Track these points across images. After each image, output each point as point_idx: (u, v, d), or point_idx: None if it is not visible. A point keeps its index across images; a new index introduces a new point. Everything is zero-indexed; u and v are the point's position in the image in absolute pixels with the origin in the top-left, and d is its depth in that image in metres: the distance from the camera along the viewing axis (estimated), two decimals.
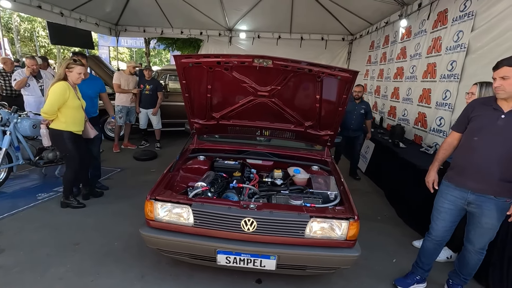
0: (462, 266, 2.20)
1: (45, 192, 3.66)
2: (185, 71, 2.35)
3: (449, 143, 2.16)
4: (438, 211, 2.17)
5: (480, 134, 1.93)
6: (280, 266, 1.96)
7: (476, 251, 2.09)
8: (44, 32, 20.76)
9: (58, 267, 2.33)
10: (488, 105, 1.95)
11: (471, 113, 2.02)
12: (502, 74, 1.80)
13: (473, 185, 1.97)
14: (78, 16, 7.30)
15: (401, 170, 3.78)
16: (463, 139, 2.07)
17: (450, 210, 2.11)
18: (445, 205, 2.12)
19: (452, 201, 2.09)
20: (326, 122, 2.60)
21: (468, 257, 2.13)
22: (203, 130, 2.89)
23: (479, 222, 2.00)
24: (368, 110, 4.66)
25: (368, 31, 7.24)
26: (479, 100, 2.11)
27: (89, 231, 2.88)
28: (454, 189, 2.08)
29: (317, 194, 2.22)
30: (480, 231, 2.02)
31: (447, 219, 2.13)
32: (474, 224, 2.04)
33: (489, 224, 1.97)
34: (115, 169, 4.59)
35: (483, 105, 1.99)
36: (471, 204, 2.02)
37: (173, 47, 14.21)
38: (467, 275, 2.20)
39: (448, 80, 3.96)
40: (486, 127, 1.92)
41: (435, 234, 2.20)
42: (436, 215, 2.20)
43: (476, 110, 2.00)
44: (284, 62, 2.14)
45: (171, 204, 1.97)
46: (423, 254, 2.31)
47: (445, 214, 2.13)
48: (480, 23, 3.52)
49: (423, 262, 2.31)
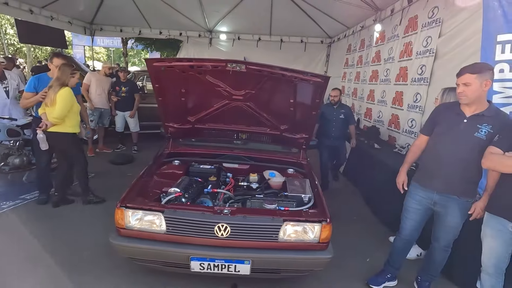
0: (429, 263, 2.29)
1: (10, 200, 3.46)
2: (158, 75, 2.31)
3: (417, 145, 2.26)
4: (407, 211, 2.26)
5: (444, 137, 2.03)
6: (254, 270, 1.96)
7: (441, 249, 2.18)
8: (12, 30, 19.70)
9: (22, 283, 2.21)
10: (452, 110, 2.05)
11: (436, 117, 2.13)
12: (464, 81, 1.88)
13: (438, 186, 2.06)
14: (49, 14, 6.95)
15: (376, 170, 3.89)
16: (430, 142, 2.16)
17: (417, 210, 2.20)
18: (413, 205, 2.22)
19: (419, 201, 2.18)
20: (301, 125, 2.64)
21: (435, 255, 2.23)
22: (178, 134, 2.85)
23: (444, 221, 2.10)
24: (349, 114, 4.29)
25: (345, 34, 7.42)
26: (445, 105, 2.22)
27: (57, 241, 2.74)
28: (421, 190, 2.17)
29: (291, 197, 2.24)
30: (445, 229, 2.12)
31: (415, 218, 2.22)
32: (440, 222, 2.14)
33: (453, 222, 2.08)
34: (89, 174, 4.42)
35: (447, 110, 2.09)
36: (436, 204, 2.11)
37: (152, 48, 13.89)
38: (434, 271, 2.29)
39: (419, 84, 4.13)
40: (449, 131, 2.01)
41: (404, 233, 2.29)
42: (405, 215, 2.29)
43: (441, 114, 2.11)
44: (257, 67, 2.15)
45: (143, 212, 1.92)
46: (393, 253, 2.39)
47: (413, 214, 2.22)
48: (446, 30, 3.69)
49: (394, 260, 2.40)
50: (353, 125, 4.38)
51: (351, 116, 4.34)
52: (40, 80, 3.27)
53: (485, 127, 1.89)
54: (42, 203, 3.39)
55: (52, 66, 3.31)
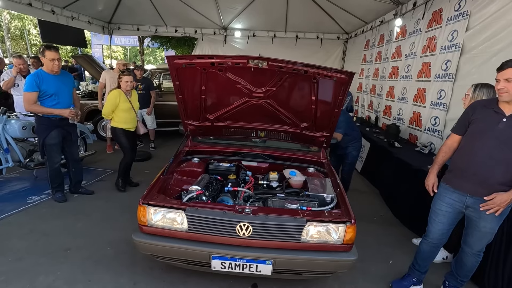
0: (459, 268, 2.18)
1: (35, 195, 3.57)
2: (179, 72, 2.30)
3: (448, 146, 2.12)
4: (436, 214, 2.15)
5: (481, 137, 1.89)
6: (276, 271, 1.93)
7: (473, 254, 2.08)
8: (35, 30, 20.40)
9: (47, 275, 2.27)
10: (489, 108, 1.90)
11: (472, 115, 1.96)
12: (506, 76, 1.74)
13: (471, 188, 1.94)
14: (70, 14, 7.16)
15: (396, 170, 3.78)
16: (463, 141, 2.02)
17: (447, 213, 2.08)
18: (443, 208, 2.10)
19: (450, 204, 2.06)
20: (322, 123, 2.57)
21: (466, 259, 2.12)
22: (197, 131, 2.84)
23: (477, 226, 1.98)
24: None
25: (363, 30, 7.23)
26: (480, 102, 2.05)
27: (80, 236, 2.81)
28: (452, 192, 2.05)
29: (313, 197, 2.19)
30: (478, 234, 2.00)
31: (445, 222, 2.11)
32: (472, 228, 2.02)
33: (487, 228, 1.95)
34: (108, 170, 4.52)
35: (484, 108, 1.93)
36: (469, 208, 1.99)
37: (168, 46, 14.07)
38: (464, 277, 2.19)
39: (443, 80, 3.96)
40: (486, 130, 1.87)
41: (431, 237, 2.19)
42: (433, 218, 2.17)
43: (476, 112, 1.95)
44: (279, 63, 2.10)
45: (165, 209, 1.92)
46: (419, 257, 2.29)
47: (442, 217, 2.11)
48: (474, 23, 3.51)
49: (419, 265, 2.29)
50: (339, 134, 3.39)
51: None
52: (40, 77, 3.06)
53: None
54: (62, 200, 3.45)
55: (45, 60, 3.07)
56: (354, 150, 3.72)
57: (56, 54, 3.09)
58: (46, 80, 3.09)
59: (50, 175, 3.40)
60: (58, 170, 3.42)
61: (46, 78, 3.09)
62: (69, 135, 3.41)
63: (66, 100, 3.29)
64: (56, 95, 3.17)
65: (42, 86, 3.07)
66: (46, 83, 3.09)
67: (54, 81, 3.14)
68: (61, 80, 3.22)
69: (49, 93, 3.12)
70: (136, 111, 3.85)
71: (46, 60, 3.07)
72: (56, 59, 3.08)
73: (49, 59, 3.05)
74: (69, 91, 3.34)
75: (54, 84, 3.14)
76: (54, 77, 3.15)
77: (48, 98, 3.14)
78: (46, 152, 3.30)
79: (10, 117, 3.70)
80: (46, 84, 3.09)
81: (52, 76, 3.13)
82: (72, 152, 3.52)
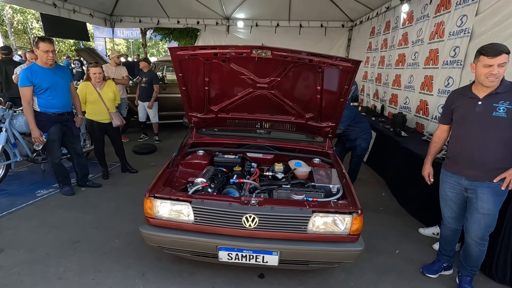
0: (466, 258, 2.19)
1: (44, 189, 3.63)
2: (181, 63, 2.27)
3: (438, 136, 2.27)
4: (443, 199, 2.26)
5: (463, 123, 2.02)
6: (282, 261, 1.94)
7: (476, 243, 2.08)
8: (38, 24, 20.37)
9: (58, 267, 2.32)
10: (464, 95, 2.03)
11: (451, 105, 2.10)
12: (501, 61, 1.79)
13: (467, 172, 2.04)
14: (71, 7, 7.09)
15: (403, 159, 3.74)
16: (452, 130, 2.15)
17: (452, 197, 2.18)
18: (447, 193, 2.20)
19: (451, 187, 2.17)
20: (327, 113, 2.53)
21: (470, 249, 2.13)
22: (201, 124, 2.83)
23: (475, 208, 2.03)
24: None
25: (369, 17, 7.06)
26: (457, 90, 2.20)
27: (89, 228, 2.85)
28: (451, 176, 2.17)
29: (319, 187, 2.18)
30: (476, 216, 2.03)
31: (452, 205, 2.20)
32: (471, 210, 2.07)
33: (485, 209, 1.98)
34: (114, 163, 4.55)
35: (460, 95, 2.07)
36: (468, 190, 2.07)
37: (170, 38, 13.94)
38: (473, 266, 2.19)
39: (451, 67, 3.87)
40: (467, 116, 1.99)
41: (446, 221, 2.29)
42: (442, 204, 2.28)
43: (455, 101, 2.09)
44: (283, 52, 2.06)
45: (171, 202, 1.93)
46: (443, 241, 2.38)
47: (449, 201, 2.21)
48: (484, 7, 3.40)
49: (445, 249, 2.37)
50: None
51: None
52: (32, 71, 3.00)
53: (502, 104, 1.85)
54: (69, 194, 3.50)
55: (39, 52, 2.99)
56: (364, 142, 3.68)
57: (51, 46, 3.03)
58: (39, 74, 3.01)
59: (53, 170, 3.45)
60: (60, 165, 3.45)
61: (39, 72, 3.02)
62: (69, 130, 3.40)
63: (63, 95, 3.24)
64: (52, 90, 3.11)
65: (36, 80, 3.00)
66: (40, 77, 3.01)
67: (48, 74, 3.07)
68: (56, 74, 3.15)
69: (44, 87, 3.06)
70: (106, 103, 3.84)
71: (40, 52, 2.99)
72: (50, 51, 3.01)
73: (43, 50, 2.97)
74: (65, 85, 3.28)
75: (49, 78, 3.07)
76: (49, 70, 3.08)
77: (43, 92, 3.07)
78: (46, 148, 3.31)
79: (17, 112, 3.72)
80: (40, 78, 3.01)
81: (46, 70, 3.06)
82: (74, 147, 3.54)
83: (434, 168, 2.32)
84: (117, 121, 3.98)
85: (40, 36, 3.07)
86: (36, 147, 3.33)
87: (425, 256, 2.62)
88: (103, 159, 4.09)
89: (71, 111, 3.43)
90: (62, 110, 3.27)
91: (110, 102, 3.91)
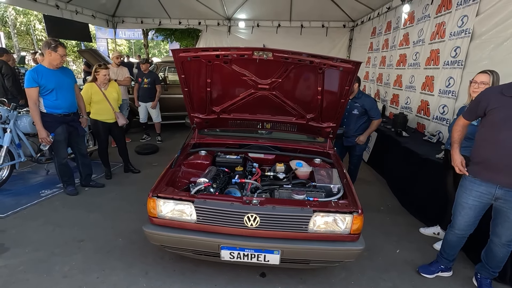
0: (490, 259, 2.14)
1: (48, 189, 3.67)
2: (184, 65, 2.31)
3: (461, 125, 2.09)
4: (462, 207, 2.12)
5: (505, 126, 1.81)
6: (284, 260, 1.96)
7: (503, 244, 2.04)
8: (40, 26, 20.47)
9: (63, 265, 2.35)
10: (507, 95, 1.81)
11: (488, 105, 1.87)
12: None
13: (502, 179, 1.89)
14: (74, 8, 7.15)
15: (404, 159, 3.75)
16: (485, 132, 1.93)
17: (474, 206, 2.06)
18: (470, 201, 2.06)
19: (477, 196, 2.02)
20: (328, 114, 2.56)
21: (496, 251, 2.08)
22: (203, 124, 2.86)
23: (507, 217, 1.95)
24: (370, 107, 3.41)
25: (370, 17, 7.07)
26: (494, 89, 1.96)
27: (92, 227, 2.89)
28: (479, 185, 2.00)
29: (320, 187, 2.20)
30: (508, 225, 1.97)
31: (471, 214, 2.09)
32: (502, 218, 1.99)
33: None
34: (116, 163, 4.59)
35: (500, 95, 1.84)
36: (498, 200, 1.96)
37: (172, 38, 14.01)
38: (495, 267, 2.15)
39: (452, 67, 3.88)
40: (509, 118, 1.80)
41: (458, 228, 2.18)
42: (459, 211, 2.14)
43: (492, 101, 1.85)
44: (284, 54, 2.08)
45: (174, 201, 1.96)
46: (446, 246, 2.30)
47: (469, 210, 2.09)
48: (485, 7, 3.41)
49: (447, 253, 2.32)
50: (377, 120, 3.48)
51: (372, 109, 3.44)
52: (38, 72, 3.05)
53: None
54: (73, 193, 3.54)
55: (54, 55, 3.06)
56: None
57: (66, 50, 3.21)
58: (45, 74, 3.08)
59: (58, 170, 3.49)
60: (66, 165, 3.50)
61: (45, 73, 3.09)
62: (75, 130, 3.46)
63: (68, 95, 3.29)
64: (57, 90, 3.16)
65: (42, 81, 3.06)
66: (46, 78, 3.08)
67: (53, 75, 3.13)
68: (61, 75, 3.22)
69: (49, 88, 3.11)
70: (111, 103, 3.90)
71: (56, 55, 3.08)
72: (64, 55, 3.17)
73: (61, 55, 3.11)
74: (70, 86, 3.33)
75: (54, 78, 3.13)
76: (54, 71, 3.15)
77: (49, 93, 3.13)
78: (53, 148, 3.37)
79: (21, 113, 3.77)
80: (46, 78, 3.08)
81: (51, 71, 3.13)
82: (79, 147, 3.60)
83: (434, 168, 2.30)
84: (122, 120, 4.07)
85: (58, 40, 3.12)
86: (42, 147, 3.37)
87: (425, 256, 2.63)
88: (107, 159, 4.13)
89: (76, 112, 3.49)
90: (67, 111, 3.32)
91: (114, 102, 3.98)
